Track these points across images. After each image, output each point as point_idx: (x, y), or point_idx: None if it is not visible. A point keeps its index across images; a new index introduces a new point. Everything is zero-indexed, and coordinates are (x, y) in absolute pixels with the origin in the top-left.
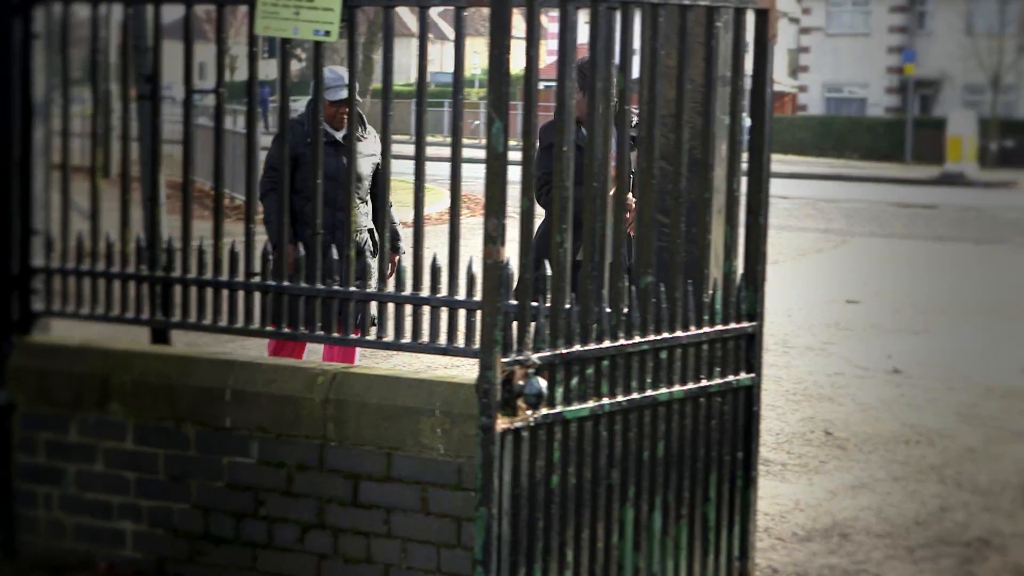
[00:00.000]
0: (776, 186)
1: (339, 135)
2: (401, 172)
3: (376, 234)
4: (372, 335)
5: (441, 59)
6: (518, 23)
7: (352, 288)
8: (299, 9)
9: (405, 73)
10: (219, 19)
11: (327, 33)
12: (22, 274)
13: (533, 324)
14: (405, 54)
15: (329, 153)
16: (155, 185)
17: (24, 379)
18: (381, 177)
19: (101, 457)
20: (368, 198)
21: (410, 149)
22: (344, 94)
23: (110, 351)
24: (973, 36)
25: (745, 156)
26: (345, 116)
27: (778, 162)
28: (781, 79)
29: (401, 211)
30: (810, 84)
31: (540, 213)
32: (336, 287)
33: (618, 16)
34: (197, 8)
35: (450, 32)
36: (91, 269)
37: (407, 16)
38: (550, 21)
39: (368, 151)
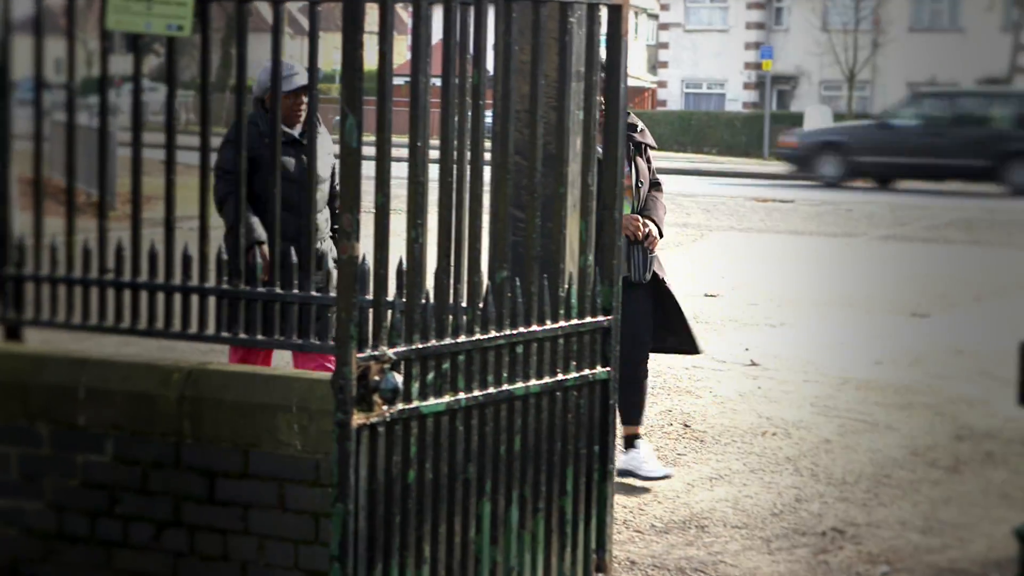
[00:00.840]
0: None
1: (296, 131)
2: None
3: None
4: (228, 333)
5: (302, 55)
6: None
7: (208, 284)
8: (151, 3)
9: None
10: (70, 12)
11: (180, 28)
12: None
13: (389, 319)
14: (264, 49)
15: (288, 153)
16: (5, 182)
17: None
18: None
19: None
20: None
21: None
22: (300, 81)
23: None
24: (829, 32)
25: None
26: (302, 109)
27: None
28: (641, 74)
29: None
30: (669, 79)
31: (397, 207)
32: (191, 283)
33: (471, 11)
34: (52, 1)
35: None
36: None
37: (267, 10)
38: (410, 16)
39: (327, 148)
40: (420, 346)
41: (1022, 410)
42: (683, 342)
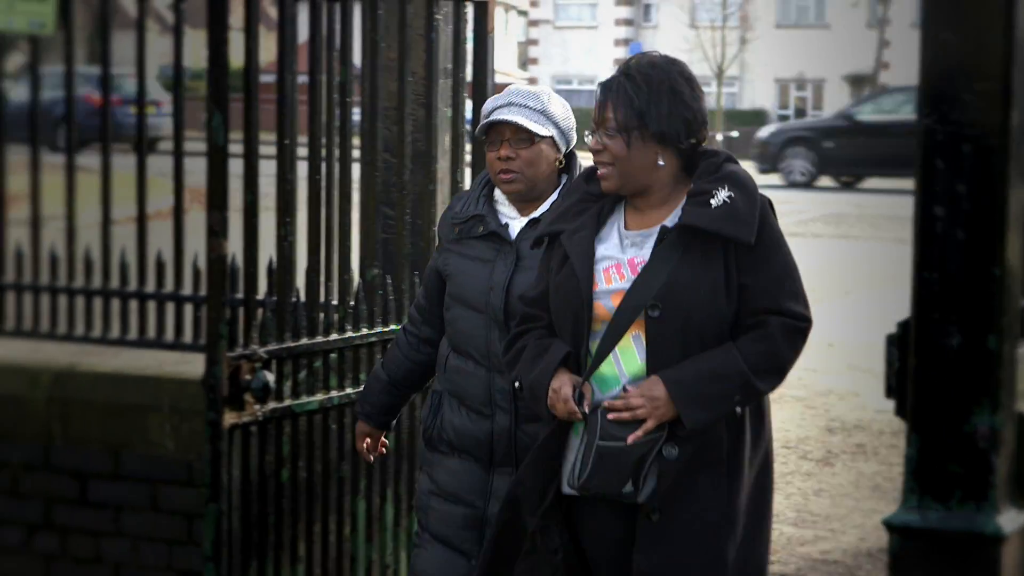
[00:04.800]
0: None
1: (515, 218)
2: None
3: None
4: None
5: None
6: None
7: (76, 284)
8: (13, 0)
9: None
10: None
11: (43, 25)
12: None
13: (259, 317)
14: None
15: (480, 255)
16: None
17: None
18: None
19: None
20: None
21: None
22: (505, 115)
23: None
24: (697, 28)
25: (469, 147)
26: (510, 174)
27: None
28: (511, 71)
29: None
30: (540, 76)
31: (267, 206)
32: (59, 284)
33: (338, 9)
34: None
35: None
36: None
37: (132, 6)
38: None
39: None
40: (291, 344)
41: (890, 402)
42: None
